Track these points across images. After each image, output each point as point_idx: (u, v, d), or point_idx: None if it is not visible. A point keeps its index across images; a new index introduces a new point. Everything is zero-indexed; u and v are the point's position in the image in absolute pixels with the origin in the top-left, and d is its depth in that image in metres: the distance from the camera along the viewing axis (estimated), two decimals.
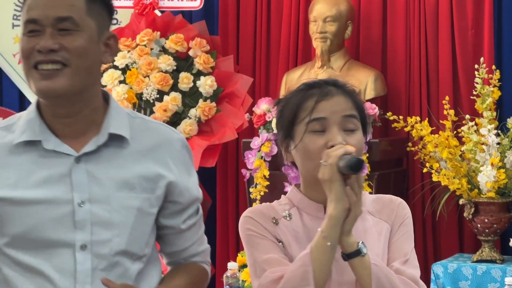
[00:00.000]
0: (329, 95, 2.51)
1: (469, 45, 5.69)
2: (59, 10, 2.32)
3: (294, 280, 2.39)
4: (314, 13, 5.69)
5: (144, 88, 5.75)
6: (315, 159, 2.45)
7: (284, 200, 2.60)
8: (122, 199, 2.38)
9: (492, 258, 5.26)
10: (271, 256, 2.49)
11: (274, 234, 2.52)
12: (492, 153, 5.15)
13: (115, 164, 2.40)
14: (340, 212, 2.38)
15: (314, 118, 2.48)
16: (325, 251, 2.40)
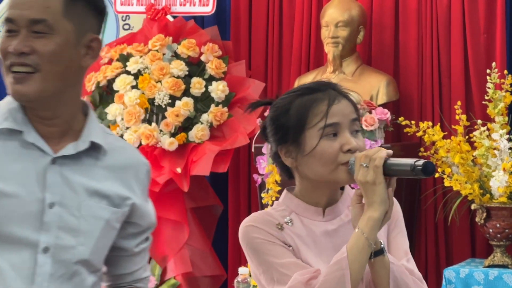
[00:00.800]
0: (337, 99, 2.53)
1: (481, 50, 5.69)
2: (33, 12, 2.27)
3: (331, 283, 2.40)
4: (326, 18, 5.70)
5: (156, 93, 5.77)
6: (331, 164, 2.48)
7: (280, 206, 2.60)
8: (92, 208, 2.35)
9: (504, 263, 5.25)
10: (288, 260, 2.49)
11: (282, 239, 2.52)
12: (504, 158, 5.15)
13: (89, 173, 2.37)
14: (382, 214, 2.41)
15: (329, 123, 2.49)
16: (364, 252, 2.42)
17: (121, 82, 5.85)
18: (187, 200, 5.90)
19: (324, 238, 2.54)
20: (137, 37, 6.13)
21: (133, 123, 5.75)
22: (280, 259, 2.49)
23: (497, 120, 5.27)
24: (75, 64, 2.34)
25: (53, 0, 2.29)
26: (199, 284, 5.99)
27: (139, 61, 5.88)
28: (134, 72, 5.87)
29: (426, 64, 5.84)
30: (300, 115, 2.52)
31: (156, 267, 5.92)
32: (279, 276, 2.48)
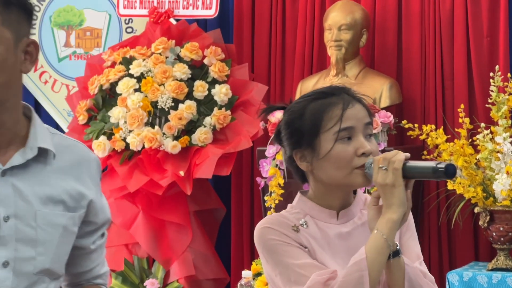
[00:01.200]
0: (351, 103, 2.55)
1: (485, 53, 5.69)
2: None
3: (349, 284, 2.43)
4: (329, 21, 5.70)
5: (159, 96, 5.77)
6: (346, 167, 2.50)
7: (294, 209, 2.61)
8: (48, 216, 2.32)
9: (507, 266, 5.25)
10: (305, 261, 2.51)
11: (298, 241, 2.54)
12: (508, 161, 5.15)
13: (41, 179, 2.33)
14: (401, 216, 2.45)
15: (344, 127, 2.52)
16: (382, 253, 2.45)
17: (124, 85, 5.86)
18: (190, 203, 5.91)
19: (338, 241, 2.57)
20: (140, 40, 6.14)
21: (136, 126, 5.76)
22: (297, 260, 2.51)
23: (500, 123, 5.27)
24: (17, 71, 2.29)
25: None
26: (202, 286, 5.99)
27: (142, 64, 5.88)
28: (137, 75, 5.87)
29: (429, 67, 5.84)
30: (314, 119, 2.55)
31: (159, 270, 5.92)
32: (296, 277, 2.49)
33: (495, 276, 5.18)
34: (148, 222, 5.89)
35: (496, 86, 5.32)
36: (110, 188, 5.86)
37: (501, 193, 5.12)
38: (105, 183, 5.87)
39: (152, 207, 5.87)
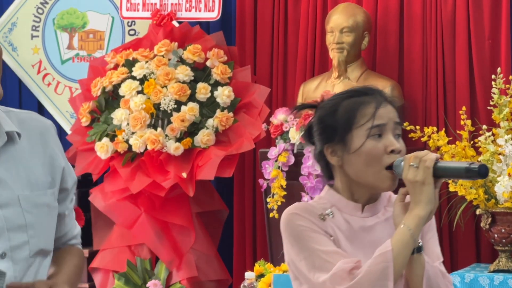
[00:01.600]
0: (383, 103, 2.61)
1: (486, 55, 5.70)
2: None
3: (374, 274, 2.46)
4: (331, 23, 5.71)
5: (162, 98, 5.78)
6: (375, 164, 2.56)
7: (322, 200, 2.66)
8: (31, 198, 2.33)
9: (509, 268, 5.25)
10: (331, 249, 2.55)
11: (324, 229, 2.59)
12: (509, 164, 5.15)
13: (15, 163, 2.34)
14: (428, 212, 2.50)
15: (376, 124, 2.57)
16: (408, 246, 2.49)
17: (127, 87, 5.86)
18: (193, 204, 5.91)
19: (361, 233, 2.61)
20: (142, 42, 6.14)
21: (139, 128, 5.77)
22: (323, 246, 2.55)
23: (502, 126, 5.27)
24: None
25: None
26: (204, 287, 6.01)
27: (144, 66, 5.89)
28: (139, 77, 5.88)
29: (430, 69, 5.84)
30: (348, 115, 2.60)
31: (161, 271, 5.93)
32: (321, 263, 2.53)
33: (496, 277, 5.18)
34: (150, 224, 5.89)
35: (497, 88, 5.32)
36: (113, 189, 5.87)
37: (503, 195, 5.13)
38: (107, 184, 5.90)
39: (154, 209, 5.88)
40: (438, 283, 2.55)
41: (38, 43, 6.75)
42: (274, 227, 5.56)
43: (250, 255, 6.13)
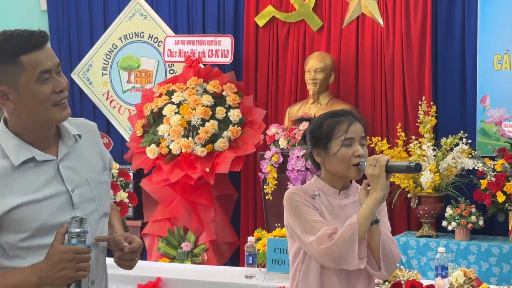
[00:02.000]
0: (353, 121, 2.64)
1: (415, 87, 5.70)
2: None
3: (345, 237, 2.50)
4: (308, 66, 5.73)
5: (192, 117, 5.79)
6: (346, 164, 2.60)
7: (312, 185, 2.69)
8: (95, 179, 2.25)
9: (430, 234, 5.27)
10: (318, 219, 2.58)
11: (314, 205, 2.62)
12: (430, 162, 5.17)
13: (80, 156, 2.25)
14: (382, 196, 2.54)
15: (347, 137, 2.60)
16: (368, 219, 2.52)
17: (168, 110, 5.88)
18: (213, 190, 5.92)
19: (338, 210, 2.64)
20: (179, 78, 6.15)
21: (176, 138, 5.79)
22: (312, 217, 2.59)
23: (425, 136, 5.29)
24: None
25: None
26: (221, 248, 6.01)
27: (180, 95, 5.91)
28: (177, 102, 5.89)
29: (376, 97, 5.85)
30: (329, 130, 2.64)
31: (191, 236, 5.94)
32: (310, 228, 2.57)
33: (421, 240, 5.20)
34: (183, 203, 5.91)
35: (422, 110, 5.35)
36: (157, 179, 5.88)
37: (426, 184, 5.15)
38: (154, 176, 5.92)
39: (186, 193, 5.88)
40: (389, 244, 2.57)
41: (106, 78, 6.78)
42: (269, 206, 5.58)
43: (251, 225, 6.13)
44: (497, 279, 4.89)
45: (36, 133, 2.16)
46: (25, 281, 2.05)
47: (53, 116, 2.13)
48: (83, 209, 2.19)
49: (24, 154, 2.13)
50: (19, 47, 2.06)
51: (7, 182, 2.10)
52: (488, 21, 5.49)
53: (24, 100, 2.10)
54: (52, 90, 2.11)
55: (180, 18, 6.52)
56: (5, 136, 2.16)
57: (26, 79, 2.08)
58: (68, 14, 6.87)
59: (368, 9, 5.82)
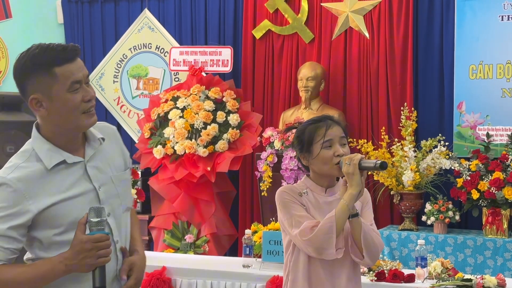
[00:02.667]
0: (331, 125, 2.63)
1: (398, 94, 5.71)
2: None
3: (324, 229, 2.51)
4: (301, 74, 5.74)
5: (195, 121, 5.79)
6: (328, 163, 2.58)
7: (301, 184, 2.69)
8: (118, 177, 2.28)
9: (411, 228, 5.29)
10: (303, 214, 2.59)
11: (300, 201, 2.62)
12: (411, 163, 5.18)
13: (105, 156, 2.28)
14: (357, 192, 2.52)
15: (326, 140, 2.60)
16: (345, 213, 2.52)
17: (173, 114, 5.88)
18: (214, 187, 5.91)
19: (324, 206, 2.63)
20: (183, 86, 6.15)
21: (180, 139, 5.78)
22: (298, 212, 2.59)
23: (407, 139, 5.30)
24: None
25: None
26: (221, 240, 6.01)
27: (184, 101, 5.91)
28: (181, 107, 5.89)
29: (363, 103, 5.85)
30: (310, 135, 2.64)
31: (194, 229, 5.94)
32: (296, 222, 2.57)
33: (403, 233, 5.21)
34: (187, 199, 5.91)
35: (404, 115, 5.36)
36: (163, 177, 5.87)
37: (407, 182, 5.16)
38: (160, 174, 5.92)
39: (189, 190, 5.88)
40: (370, 234, 2.55)
41: (117, 85, 6.77)
42: (265, 202, 5.59)
43: (249, 219, 6.12)
44: (471, 269, 4.91)
45: (66, 137, 2.20)
46: (54, 269, 2.08)
47: (82, 122, 2.17)
48: (109, 204, 2.22)
49: (56, 157, 2.16)
50: (53, 59, 2.10)
51: (41, 183, 2.13)
52: (464, 34, 5.50)
53: (56, 107, 2.14)
54: (81, 99, 2.15)
55: (185, 31, 6.52)
56: (38, 141, 2.19)
57: (59, 88, 2.12)
58: (82, 27, 6.89)
59: (355, 23, 5.82)
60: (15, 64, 2.15)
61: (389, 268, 3.82)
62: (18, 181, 2.11)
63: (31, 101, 2.15)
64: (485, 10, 5.45)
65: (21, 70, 2.13)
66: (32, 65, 2.11)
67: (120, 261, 2.25)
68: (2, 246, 2.10)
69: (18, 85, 2.17)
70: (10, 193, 2.10)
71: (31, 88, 2.14)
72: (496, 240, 4.93)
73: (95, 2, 6.86)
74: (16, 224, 2.10)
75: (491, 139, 5.22)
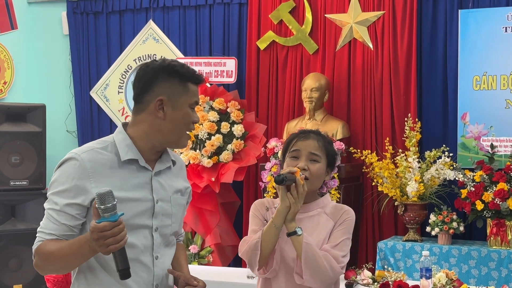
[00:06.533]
0: (306, 137, 2.58)
1: (401, 105, 5.70)
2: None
3: (251, 245, 2.50)
4: (305, 85, 5.74)
5: (199, 131, 5.80)
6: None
7: (278, 198, 2.60)
8: (176, 199, 2.37)
9: (415, 238, 5.27)
10: (255, 228, 2.59)
11: (264, 216, 2.60)
12: (416, 173, 5.18)
13: (170, 178, 2.37)
14: (283, 208, 2.45)
15: (292, 149, 2.57)
16: (271, 231, 2.47)
17: None
18: (218, 197, 5.91)
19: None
20: None
21: (185, 150, 5.79)
22: (253, 226, 2.60)
23: (411, 150, 5.30)
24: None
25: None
26: (225, 251, 6.00)
27: None
28: None
29: (366, 114, 5.85)
30: (285, 145, 2.64)
31: (198, 239, 5.93)
32: (248, 235, 2.59)
33: (407, 244, 5.20)
34: (191, 209, 5.90)
35: (408, 126, 5.36)
36: None
37: (411, 193, 5.15)
38: None
39: (194, 200, 5.85)
40: (314, 256, 2.43)
41: (122, 96, 6.78)
42: None
43: None
44: (475, 280, 4.89)
45: (152, 145, 2.29)
46: (81, 249, 2.10)
47: (182, 140, 2.30)
48: (160, 220, 2.29)
49: (132, 153, 2.25)
50: (190, 75, 2.28)
51: (109, 173, 2.20)
52: (467, 45, 5.51)
53: (175, 115, 2.25)
54: (193, 120, 2.29)
55: (189, 42, 6.54)
56: (121, 135, 2.29)
57: (185, 100, 2.26)
58: (87, 38, 6.91)
59: (359, 34, 5.83)
60: (147, 63, 2.29)
61: (393, 279, 3.81)
62: (88, 161, 2.18)
63: (157, 101, 2.23)
64: (488, 21, 5.45)
65: (158, 69, 2.26)
66: (171, 71, 2.25)
67: (157, 277, 2.30)
68: (58, 221, 2.17)
69: (144, 82, 2.26)
70: (76, 169, 2.17)
71: (161, 90, 2.25)
72: (500, 251, 4.91)
73: (100, 14, 6.88)
74: (74, 202, 2.17)
75: (495, 150, 5.22)
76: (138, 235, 2.25)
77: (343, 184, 5.33)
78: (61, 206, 2.16)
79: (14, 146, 5.66)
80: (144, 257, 2.27)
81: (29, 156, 5.66)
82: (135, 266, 2.22)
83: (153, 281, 2.29)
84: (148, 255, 2.28)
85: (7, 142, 5.64)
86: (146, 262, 2.27)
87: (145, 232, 2.27)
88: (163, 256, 2.32)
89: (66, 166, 2.19)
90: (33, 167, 5.64)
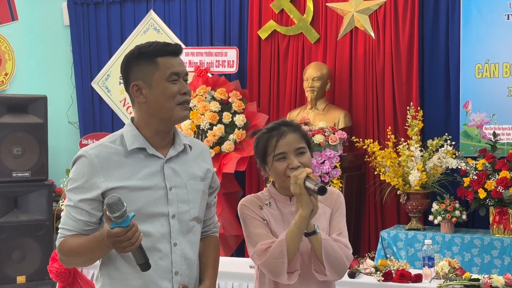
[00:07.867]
0: (284, 134, 2.51)
1: (403, 94, 5.70)
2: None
3: (275, 254, 2.40)
4: (306, 74, 5.73)
5: (201, 121, 5.80)
6: (282, 176, 2.48)
7: (266, 192, 2.60)
8: (193, 185, 2.36)
9: (417, 227, 5.27)
10: (260, 232, 2.48)
11: (260, 215, 2.52)
12: (418, 162, 5.17)
13: (186, 163, 2.37)
14: (308, 212, 2.38)
15: (277, 153, 2.49)
16: (296, 236, 2.40)
17: None
18: (220, 188, 5.88)
19: (289, 216, 2.52)
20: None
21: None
22: (255, 229, 2.49)
23: (413, 138, 5.29)
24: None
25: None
26: (227, 240, 6.01)
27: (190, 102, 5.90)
28: None
29: (368, 103, 5.85)
30: (263, 147, 2.54)
31: None
32: (252, 242, 2.49)
33: (410, 233, 5.20)
34: None
35: (410, 115, 5.35)
36: None
37: (414, 182, 5.15)
38: None
39: None
40: (333, 250, 2.42)
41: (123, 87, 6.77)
42: None
43: None
44: (478, 269, 4.90)
45: (156, 128, 2.31)
46: (99, 246, 2.16)
47: (176, 113, 2.28)
48: (176, 207, 2.30)
49: (138, 142, 2.29)
50: (157, 50, 2.26)
51: (118, 164, 2.25)
52: (469, 33, 5.49)
53: (154, 94, 2.26)
54: (178, 91, 2.27)
55: (190, 32, 6.53)
56: (128, 127, 2.34)
57: (159, 76, 2.25)
58: (88, 28, 6.90)
59: (361, 23, 5.82)
60: (123, 58, 2.33)
61: (396, 268, 3.82)
62: (96, 157, 2.24)
63: (132, 87, 2.28)
64: (491, 9, 5.44)
65: (127, 60, 2.29)
66: (138, 55, 2.27)
67: (176, 264, 2.30)
68: (74, 217, 2.25)
69: (123, 75, 2.32)
70: (86, 166, 2.24)
71: (133, 76, 2.28)
72: (503, 240, 4.92)
73: (101, 4, 6.87)
74: (86, 198, 2.23)
75: (498, 138, 5.21)
76: (154, 223, 2.26)
77: (345, 173, 5.33)
78: (75, 202, 2.25)
79: (16, 137, 5.67)
80: (162, 245, 2.27)
81: (31, 148, 5.67)
82: (153, 254, 2.24)
83: (171, 268, 2.30)
84: (165, 243, 2.28)
85: (9, 133, 5.64)
86: (163, 250, 2.28)
87: (162, 219, 2.28)
88: (182, 243, 2.32)
89: (77, 164, 2.28)
90: (35, 159, 5.66)
